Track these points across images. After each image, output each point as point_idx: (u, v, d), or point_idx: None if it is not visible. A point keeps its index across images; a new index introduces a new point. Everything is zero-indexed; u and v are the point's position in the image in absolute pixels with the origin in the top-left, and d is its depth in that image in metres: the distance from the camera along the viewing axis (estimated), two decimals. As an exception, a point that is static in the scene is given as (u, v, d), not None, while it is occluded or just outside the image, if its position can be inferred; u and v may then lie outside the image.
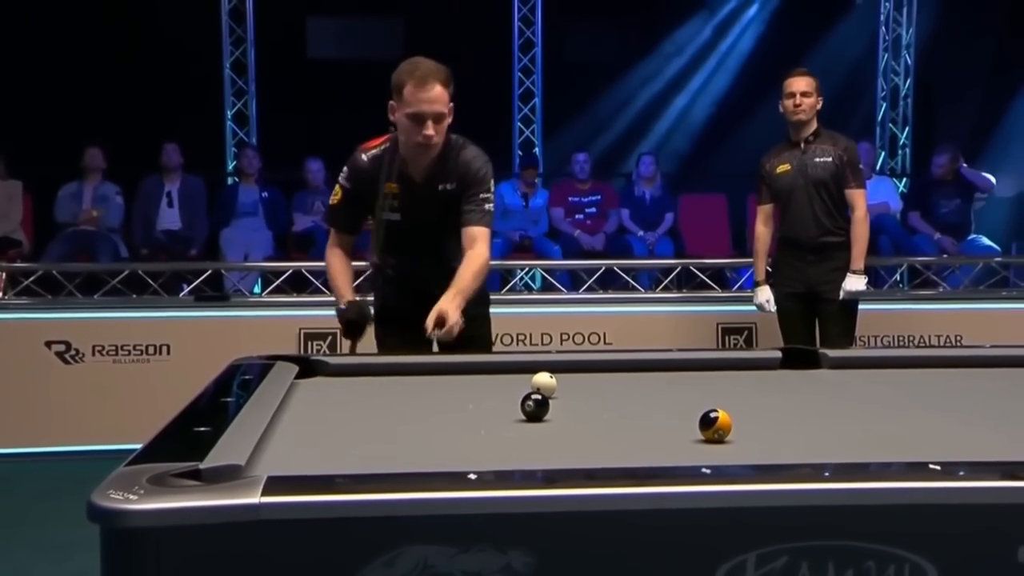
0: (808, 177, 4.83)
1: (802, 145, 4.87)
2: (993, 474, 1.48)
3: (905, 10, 9.43)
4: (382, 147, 3.23)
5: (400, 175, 3.20)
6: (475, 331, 3.19)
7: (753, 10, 10.32)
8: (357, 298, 3.34)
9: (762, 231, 5.08)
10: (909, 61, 9.43)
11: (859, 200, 4.86)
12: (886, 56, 9.50)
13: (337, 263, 3.32)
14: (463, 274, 3.08)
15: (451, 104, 3.12)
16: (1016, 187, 10.50)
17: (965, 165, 7.85)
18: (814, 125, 4.88)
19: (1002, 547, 1.39)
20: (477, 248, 3.16)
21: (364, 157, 3.24)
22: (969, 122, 9.86)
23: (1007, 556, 1.39)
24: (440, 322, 2.91)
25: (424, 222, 3.22)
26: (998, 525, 1.40)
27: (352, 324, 3.27)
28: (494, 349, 3.60)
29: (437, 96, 3.05)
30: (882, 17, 9.55)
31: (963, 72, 9.84)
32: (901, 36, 9.46)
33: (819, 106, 4.88)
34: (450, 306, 2.94)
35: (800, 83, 4.81)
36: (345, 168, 3.26)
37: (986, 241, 8.03)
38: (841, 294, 4.77)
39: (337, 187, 3.27)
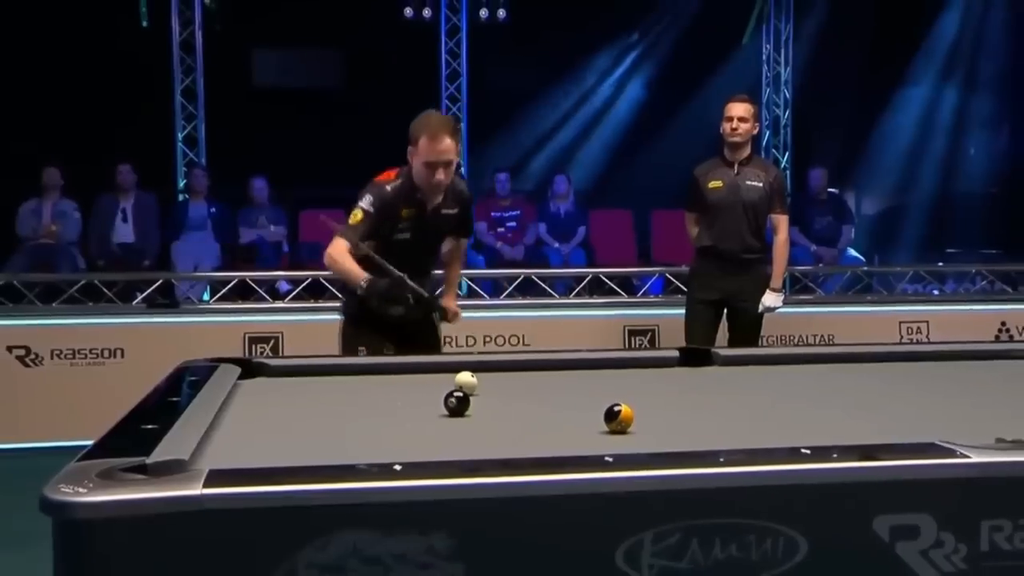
0: (739, 197, 4.70)
1: (736, 167, 4.74)
2: (852, 456, 1.51)
3: (783, 51, 9.68)
4: (400, 180, 3.39)
5: (415, 202, 3.40)
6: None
7: (652, 49, 10.49)
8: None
9: (695, 231, 4.89)
10: (788, 95, 9.66)
11: (783, 225, 4.81)
12: (768, 90, 9.71)
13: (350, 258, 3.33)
14: (456, 274, 3.84)
15: (458, 148, 3.37)
16: (878, 206, 10.85)
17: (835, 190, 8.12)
18: (748, 150, 4.75)
19: (861, 519, 1.43)
20: (460, 253, 3.82)
21: (388, 188, 3.38)
22: (839, 148, 10.16)
23: (864, 526, 1.43)
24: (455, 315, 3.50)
25: (428, 240, 3.51)
26: (857, 500, 1.45)
27: (387, 294, 3.26)
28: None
29: (447, 147, 3.27)
30: (764, 56, 9.78)
31: (833, 105, 10.13)
32: (780, 73, 9.69)
33: (755, 131, 4.77)
34: (455, 303, 3.65)
35: (738, 108, 4.67)
36: (370, 196, 3.35)
37: (853, 253, 8.27)
38: (760, 308, 4.73)
39: (360, 211, 3.34)
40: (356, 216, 3.34)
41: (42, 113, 8.21)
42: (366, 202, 3.34)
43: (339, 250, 3.33)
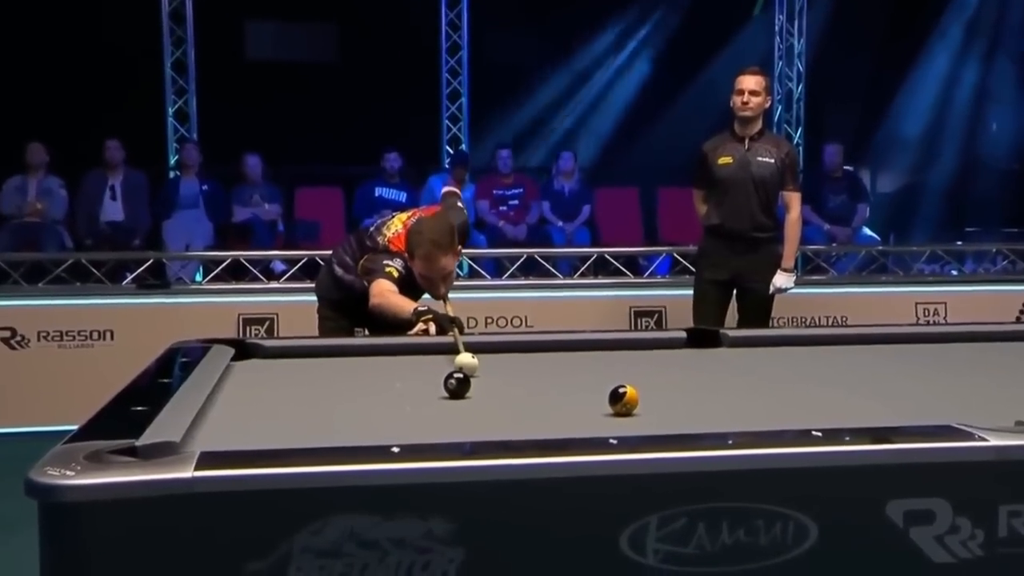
0: (750, 173, 4.65)
1: (746, 142, 4.69)
2: (865, 438, 1.51)
3: (796, 22, 9.62)
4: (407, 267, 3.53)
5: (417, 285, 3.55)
6: None
7: (659, 20, 10.42)
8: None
9: (704, 208, 4.84)
10: (801, 68, 9.61)
11: (795, 202, 4.76)
12: (781, 63, 9.66)
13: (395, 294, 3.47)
14: None
15: (459, 251, 3.51)
16: (894, 184, 10.81)
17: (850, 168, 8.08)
18: (759, 124, 4.70)
19: (873, 503, 1.43)
20: None
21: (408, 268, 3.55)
22: (854, 124, 10.11)
23: (878, 511, 1.43)
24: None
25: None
26: (869, 484, 1.44)
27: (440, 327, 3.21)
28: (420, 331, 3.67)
29: (443, 265, 3.40)
30: (776, 28, 9.72)
31: (848, 78, 10.07)
32: (793, 45, 9.63)
33: (767, 105, 4.71)
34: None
35: (750, 81, 4.62)
36: (401, 262, 3.51)
37: (868, 232, 8.25)
38: (771, 288, 4.70)
39: (395, 271, 3.49)
40: (393, 273, 3.49)
41: (27, 87, 8.18)
42: (399, 265, 3.50)
43: (384, 289, 3.44)
